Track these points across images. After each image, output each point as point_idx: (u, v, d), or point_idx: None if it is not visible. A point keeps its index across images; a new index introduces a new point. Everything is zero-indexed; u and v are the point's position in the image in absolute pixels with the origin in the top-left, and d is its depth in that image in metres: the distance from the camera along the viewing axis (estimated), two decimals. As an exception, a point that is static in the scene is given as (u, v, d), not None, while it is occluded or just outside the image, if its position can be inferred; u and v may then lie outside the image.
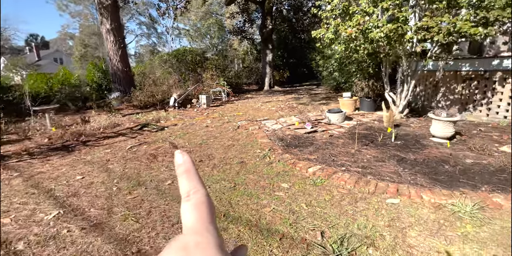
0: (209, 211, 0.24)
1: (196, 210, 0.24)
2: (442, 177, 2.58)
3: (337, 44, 5.05)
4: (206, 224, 0.23)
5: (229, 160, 3.44)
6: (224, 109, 7.63)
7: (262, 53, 14.11)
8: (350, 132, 4.37)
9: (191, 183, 0.25)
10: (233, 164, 3.31)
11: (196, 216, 0.23)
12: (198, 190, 0.25)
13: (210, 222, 0.23)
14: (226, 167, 3.21)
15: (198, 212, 0.23)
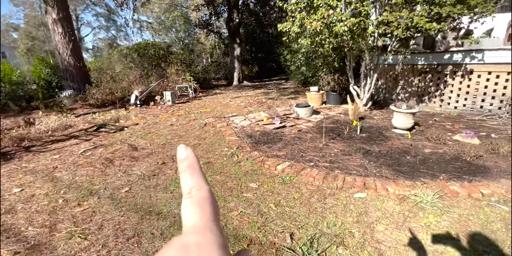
0: (212, 209, 0.23)
1: (199, 207, 0.22)
2: (404, 168, 2.65)
3: (303, 38, 5.02)
4: (209, 223, 0.22)
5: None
6: (191, 105, 7.29)
7: (230, 47, 13.79)
8: (318, 126, 4.39)
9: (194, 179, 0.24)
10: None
11: (199, 214, 0.22)
12: (201, 187, 0.24)
13: (213, 220, 0.22)
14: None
15: (200, 210, 0.22)
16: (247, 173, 2.81)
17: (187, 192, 0.23)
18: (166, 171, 2.98)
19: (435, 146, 3.21)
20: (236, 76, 13.34)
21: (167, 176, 2.86)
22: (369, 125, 4.32)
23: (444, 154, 2.92)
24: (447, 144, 3.27)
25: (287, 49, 11.93)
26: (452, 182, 2.33)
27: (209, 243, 0.20)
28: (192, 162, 0.25)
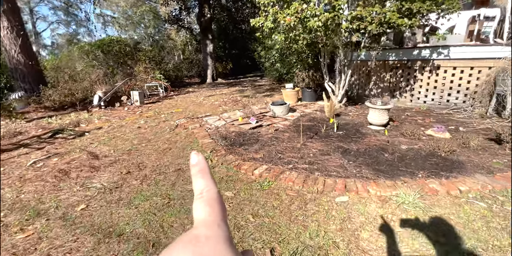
0: (220, 208, 0.25)
1: (208, 206, 0.24)
2: (383, 166, 2.60)
3: (277, 34, 4.85)
4: (217, 219, 0.23)
5: (164, 169, 2.94)
6: (161, 106, 6.85)
7: (202, 43, 13.31)
8: (295, 125, 4.27)
9: (204, 182, 0.26)
10: (169, 173, 2.83)
11: (208, 211, 0.24)
12: (211, 188, 0.26)
13: (221, 218, 0.24)
14: (159, 178, 2.72)
15: (210, 208, 0.24)
16: (222, 180, 2.59)
17: (198, 193, 0.25)
18: (131, 182, 2.66)
19: (411, 142, 3.22)
20: (210, 74, 12.93)
21: (132, 188, 2.55)
22: (345, 122, 4.29)
23: (420, 150, 2.92)
24: (422, 139, 3.30)
25: (261, 45, 11.74)
26: (431, 179, 2.30)
27: (217, 236, 0.22)
28: (203, 166, 0.27)
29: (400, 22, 3.20)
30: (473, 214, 1.89)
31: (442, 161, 2.62)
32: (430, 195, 2.12)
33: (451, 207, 1.97)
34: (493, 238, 1.66)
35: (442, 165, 2.54)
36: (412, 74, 5.18)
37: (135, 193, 2.44)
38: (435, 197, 2.08)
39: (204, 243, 0.21)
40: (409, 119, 4.33)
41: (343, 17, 3.45)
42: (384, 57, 5.35)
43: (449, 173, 2.38)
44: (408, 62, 5.12)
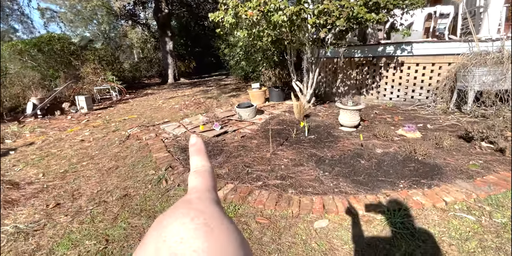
0: (211, 179, 0.27)
1: (201, 176, 0.27)
2: (362, 176, 2.34)
3: (239, 30, 4.42)
4: (208, 187, 0.26)
5: (105, 196, 2.37)
6: (114, 112, 6.05)
7: (161, 41, 12.36)
8: (263, 129, 3.91)
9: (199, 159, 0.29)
10: (111, 202, 2.27)
11: (200, 181, 0.26)
12: (204, 164, 0.28)
13: (212, 186, 0.26)
14: (98, 211, 2.16)
15: (201, 178, 0.26)
16: (178, 207, 2.12)
17: (193, 168, 0.28)
18: (58, 220, 2.07)
19: (385, 144, 3.04)
20: (171, 73, 12.07)
21: (58, 228, 1.96)
22: (316, 123, 4.04)
23: (396, 154, 2.73)
24: (395, 140, 3.15)
25: (224, 42, 11.19)
26: (413, 190, 2.09)
27: (207, 198, 0.23)
28: (200, 146, 0.29)
29: (368, 17, 2.98)
30: (464, 230, 1.68)
31: (420, 166, 2.44)
32: (415, 209, 1.89)
33: (440, 224, 1.75)
34: (491, 262, 1.45)
35: (421, 171, 2.36)
36: (377, 71, 5.13)
37: (61, 236, 1.87)
38: (422, 213, 1.86)
39: (197, 203, 0.22)
40: (378, 118, 4.22)
41: (309, 11, 3.14)
42: (350, 54, 5.22)
43: (430, 181, 2.19)
44: (374, 59, 5.04)
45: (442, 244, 1.60)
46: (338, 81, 5.79)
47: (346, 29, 3.43)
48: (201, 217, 0.20)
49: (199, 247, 0.18)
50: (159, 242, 0.19)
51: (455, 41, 4.46)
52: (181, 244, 0.18)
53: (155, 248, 0.19)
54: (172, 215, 0.21)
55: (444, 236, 1.65)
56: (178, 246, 0.18)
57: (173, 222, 0.20)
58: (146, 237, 0.20)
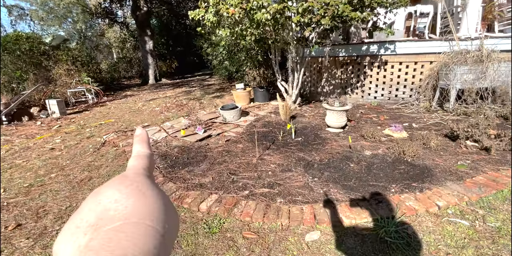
0: (148, 162, 0.28)
1: (138, 160, 0.28)
2: (352, 181, 2.25)
3: (221, 29, 4.23)
4: (144, 167, 0.27)
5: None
6: (89, 116, 5.68)
7: (140, 40, 11.89)
8: (249, 132, 3.76)
9: (141, 147, 0.30)
10: (81, 220, 2.04)
11: (138, 162, 0.28)
12: (145, 151, 0.30)
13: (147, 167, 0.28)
14: (65, 231, 1.92)
15: (139, 161, 0.28)
16: (157, 223, 1.93)
17: (135, 154, 0.29)
18: (17, 244, 1.82)
19: (373, 145, 2.99)
20: (152, 74, 11.64)
21: None
22: (303, 125, 3.94)
23: (385, 156, 2.67)
24: (382, 141, 3.10)
25: (206, 41, 10.91)
26: (405, 194, 2.02)
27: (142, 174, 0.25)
28: (143, 137, 0.32)
29: (353, 15, 2.90)
30: (460, 237, 1.62)
31: (410, 169, 2.39)
32: (409, 216, 1.81)
33: (435, 231, 1.68)
34: (490, 272, 1.38)
35: (412, 173, 2.30)
36: (362, 70, 5.11)
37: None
38: (416, 219, 1.78)
39: (132, 176, 0.24)
40: (364, 118, 4.19)
41: (293, 9, 3.02)
42: (334, 53, 5.18)
43: (421, 184, 2.14)
44: (358, 58, 5.02)
45: (439, 254, 1.52)
46: (323, 81, 5.74)
47: (331, 28, 3.35)
48: (134, 184, 0.23)
49: (130, 204, 0.20)
50: (94, 204, 0.20)
51: (436, 40, 4.51)
52: (114, 203, 0.20)
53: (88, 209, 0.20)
54: (108, 184, 0.23)
55: (440, 245, 1.58)
56: (111, 205, 0.20)
57: (109, 189, 0.22)
58: (81, 205, 0.21)
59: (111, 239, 0.18)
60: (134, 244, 0.18)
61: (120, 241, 0.18)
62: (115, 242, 0.18)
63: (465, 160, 2.50)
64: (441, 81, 4.16)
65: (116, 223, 0.19)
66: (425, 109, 4.40)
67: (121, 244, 0.18)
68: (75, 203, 2.27)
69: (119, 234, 0.18)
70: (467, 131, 2.89)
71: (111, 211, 0.20)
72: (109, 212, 0.20)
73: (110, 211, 0.20)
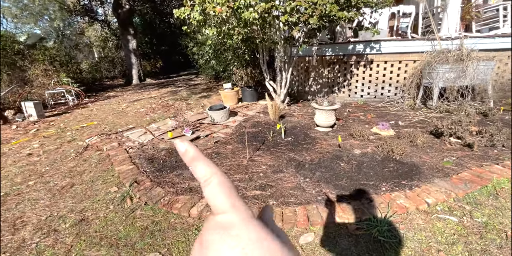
0: (232, 189, 0.24)
1: (220, 189, 0.23)
2: (344, 180, 2.26)
3: (207, 27, 4.15)
4: (235, 201, 0.23)
5: (57, 223, 2.01)
6: (70, 118, 5.43)
7: (123, 39, 11.51)
8: (238, 133, 3.72)
9: (204, 168, 0.25)
10: (63, 230, 1.93)
11: (223, 195, 0.23)
12: (213, 173, 0.24)
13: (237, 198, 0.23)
14: (46, 243, 1.81)
15: (222, 191, 0.23)
16: (146, 231, 1.85)
17: (202, 181, 0.24)
18: (-7, 259, 1.69)
19: (362, 144, 3.02)
20: (136, 74, 11.31)
21: (-8, 271, 1.59)
22: (292, 124, 3.94)
23: (374, 154, 2.71)
24: (371, 140, 3.14)
25: (192, 40, 10.72)
26: (396, 192, 2.04)
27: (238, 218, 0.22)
28: (193, 153, 0.25)
29: (341, 15, 2.91)
30: (449, 233, 1.65)
31: (399, 167, 2.42)
32: (400, 214, 1.83)
33: (425, 228, 1.71)
34: (480, 267, 1.41)
35: (401, 171, 2.34)
36: (348, 69, 5.18)
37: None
38: (407, 217, 1.80)
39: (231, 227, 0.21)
40: (352, 116, 4.24)
41: (281, 8, 2.99)
42: (321, 53, 5.21)
43: (410, 181, 2.17)
44: (344, 57, 5.08)
45: (430, 251, 1.54)
46: (311, 80, 5.77)
47: (318, 27, 3.35)
48: (239, 246, 0.20)
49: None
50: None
51: (419, 40, 4.63)
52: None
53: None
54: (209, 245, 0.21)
55: (431, 242, 1.61)
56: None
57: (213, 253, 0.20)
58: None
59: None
60: None
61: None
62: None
63: (450, 157, 2.57)
64: (425, 79, 4.27)
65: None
66: (409, 107, 4.51)
67: None
68: (56, 212, 2.14)
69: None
70: (450, 128, 2.98)
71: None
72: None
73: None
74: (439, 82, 4.04)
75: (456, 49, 4.14)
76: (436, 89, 4.10)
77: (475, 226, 1.70)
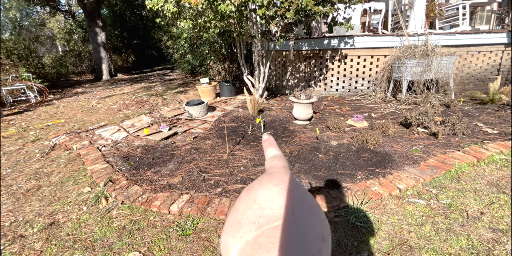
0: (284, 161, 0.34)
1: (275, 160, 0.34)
2: (322, 171, 2.33)
3: (182, 20, 4.01)
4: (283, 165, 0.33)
5: (23, 228, 1.87)
6: (32, 117, 5.02)
7: (90, 32, 10.78)
8: (217, 128, 3.68)
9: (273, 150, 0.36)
10: (31, 235, 1.80)
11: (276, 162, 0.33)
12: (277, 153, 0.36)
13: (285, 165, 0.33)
14: (12, 250, 1.67)
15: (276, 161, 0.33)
16: (124, 231, 1.79)
17: (269, 156, 0.35)
18: (-51, 271, 1.53)
19: (338, 135, 3.12)
20: (106, 68, 10.69)
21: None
22: (271, 118, 3.97)
23: (350, 145, 2.82)
24: (346, 131, 3.26)
25: (166, 34, 10.33)
26: (370, 180, 2.15)
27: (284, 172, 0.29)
28: (271, 141, 0.38)
29: (316, 9, 2.95)
30: (418, 215, 1.78)
31: (373, 156, 2.55)
32: (375, 200, 1.93)
33: (397, 212, 1.82)
34: (445, 244, 1.54)
35: (375, 160, 2.46)
36: (324, 64, 5.30)
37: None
38: (381, 203, 1.91)
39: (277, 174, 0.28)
40: (328, 109, 4.36)
41: (258, 2, 2.96)
42: (298, 47, 5.26)
43: (383, 169, 2.30)
44: (320, 52, 5.18)
45: (402, 232, 1.65)
46: (288, 74, 5.83)
47: (295, 21, 3.37)
48: (282, 183, 0.26)
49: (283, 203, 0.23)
50: (249, 202, 0.24)
51: (389, 35, 4.84)
52: (268, 202, 0.23)
53: (246, 206, 0.24)
54: (258, 183, 0.27)
55: (403, 224, 1.72)
56: (267, 203, 0.23)
57: (260, 188, 0.26)
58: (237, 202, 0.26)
59: (276, 237, 0.19)
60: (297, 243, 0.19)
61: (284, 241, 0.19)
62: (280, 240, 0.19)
63: (418, 145, 2.75)
64: (394, 73, 4.50)
65: (275, 222, 0.21)
66: (381, 99, 4.74)
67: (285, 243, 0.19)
68: (21, 217, 1.99)
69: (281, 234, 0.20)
70: (418, 119, 3.18)
71: (268, 209, 0.22)
72: (265, 211, 0.22)
73: (267, 210, 0.22)
74: (407, 75, 4.27)
75: (422, 45, 4.40)
76: (405, 82, 4.34)
77: (441, 208, 1.84)
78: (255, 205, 0.23)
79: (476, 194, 1.95)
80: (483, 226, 1.65)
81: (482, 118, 3.42)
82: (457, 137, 2.91)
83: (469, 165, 2.31)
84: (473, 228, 1.64)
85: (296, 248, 0.19)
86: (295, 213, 0.22)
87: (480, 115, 3.54)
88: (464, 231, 1.62)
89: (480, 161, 2.36)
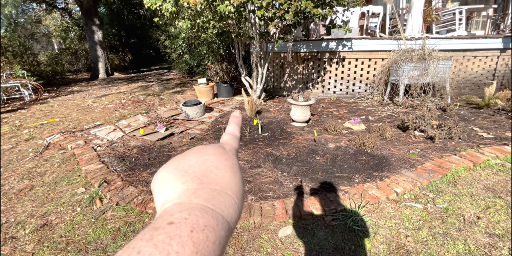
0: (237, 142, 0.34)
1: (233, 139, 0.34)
2: (319, 173, 2.32)
3: (181, 20, 3.99)
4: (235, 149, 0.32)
5: (14, 230, 1.83)
6: (27, 115, 4.94)
7: (87, 30, 10.67)
8: (214, 129, 3.65)
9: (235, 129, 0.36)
10: (23, 237, 1.76)
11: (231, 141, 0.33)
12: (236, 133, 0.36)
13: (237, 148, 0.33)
14: (3, 251, 1.63)
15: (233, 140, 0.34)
16: (118, 233, 1.75)
17: (229, 132, 0.36)
18: None
19: (335, 138, 3.12)
20: (103, 67, 10.60)
21: None
22: (268, 120, 3.96)
23: (347, 148, 2.82)
24: (344, 134, 3.27)
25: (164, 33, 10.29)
26: (368, 184, 2.15)
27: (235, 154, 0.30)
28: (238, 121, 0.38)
29: (315, 11, 2.96)
30: (415, 219, 1.78)
31: (370, 159, 2.55)
32: (372, 204, 1.93)
33: (395, 216, 1.82)
34: (442, 249, 1.54)
35: (372, 163, 2.46)
36: (322, 66, 5.31)
37: None
38: (378, 206, 1.91)
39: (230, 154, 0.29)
40: (326, 112, 4.37)
41: (257, 3, 2.96)
42: (296, 49, 5.27)
43: (381, 173, 2.30)
44: (318, 54, 5.19)
45: (399, 237, 1.65)
46: (286, 76, 5.84)
47: (294, 23, 3.37)
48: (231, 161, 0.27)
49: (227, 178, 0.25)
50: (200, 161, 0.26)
51: (386, 39, 4.87)
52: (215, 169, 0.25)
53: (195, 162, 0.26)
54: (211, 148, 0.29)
55: (400, 228, 1.71)
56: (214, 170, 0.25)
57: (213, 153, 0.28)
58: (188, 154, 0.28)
59: (214, 197, 0.22)
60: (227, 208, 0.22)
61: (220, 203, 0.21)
62: (216, 201, 0.21)
63: (415, 149, 2.76)
64: (392, 76, 4.53)
65: (215, 187, 0.23)
66: (378, 102, 4.76)
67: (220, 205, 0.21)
68: (13, 218, 1.94)
69: (219, 197, 0.22)
70: (415, 122, 3.19)
71: (213, 174, 0.24)
72: (211, 174, 0.24)
73: (212, 174, 0.24)
74: (404, 79, 4.30)
75: (419, 49, 4.43)
76: (402, 86, 4.36)
77: (438, 212, 1.85)
78: (203, 166, 0.25)
79: (473, 199, 1.96)
80: (479, 230, 1.66)
81: (478, 123, 3.45)
82: (454, 141, 2.93)
83: (466, 170, 2.32)
84: (470, 233, 1.64)
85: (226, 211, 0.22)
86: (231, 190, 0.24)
87: (476, 120, 3.57)
88: (461, 236, 1.62)
89: (476, 166, 2.37)
